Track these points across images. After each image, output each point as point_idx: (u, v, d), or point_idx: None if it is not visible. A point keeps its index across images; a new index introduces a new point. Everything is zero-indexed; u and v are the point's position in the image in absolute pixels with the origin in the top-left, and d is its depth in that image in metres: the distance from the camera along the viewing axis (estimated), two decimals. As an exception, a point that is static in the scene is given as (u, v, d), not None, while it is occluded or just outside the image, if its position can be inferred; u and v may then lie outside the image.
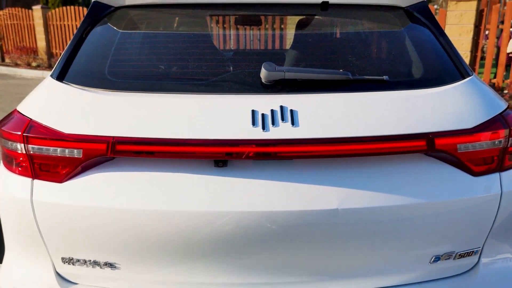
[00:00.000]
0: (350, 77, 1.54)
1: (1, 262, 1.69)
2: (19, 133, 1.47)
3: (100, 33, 1.75)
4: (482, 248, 1.59)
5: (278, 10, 1.83)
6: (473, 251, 1.58)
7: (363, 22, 1.90)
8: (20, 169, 1.51)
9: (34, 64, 12.94)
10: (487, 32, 8.58)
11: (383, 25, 1.86)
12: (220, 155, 1.40)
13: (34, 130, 1.46)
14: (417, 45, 1.74)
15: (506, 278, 1.62)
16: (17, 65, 13.10)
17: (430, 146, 1.43)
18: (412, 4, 1.83)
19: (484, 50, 11.04)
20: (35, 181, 1.48)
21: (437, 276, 1.59)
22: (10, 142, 1.51)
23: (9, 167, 1.55)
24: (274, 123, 1.41)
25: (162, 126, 1.41)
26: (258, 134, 1.39)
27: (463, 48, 7.74)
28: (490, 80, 8.06)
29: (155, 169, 1.44)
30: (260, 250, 1.44)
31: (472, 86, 1.60)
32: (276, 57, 2.25)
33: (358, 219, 1.42)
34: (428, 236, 1.49)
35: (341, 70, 1.60)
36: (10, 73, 12.52)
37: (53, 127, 1.45)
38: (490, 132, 1.48)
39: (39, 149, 1.45)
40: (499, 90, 7.81)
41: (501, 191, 1.51)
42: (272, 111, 1.44)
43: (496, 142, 1.50)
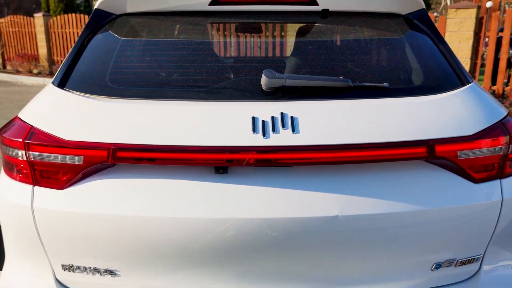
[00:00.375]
0: (351, 84, 1.55)
1: (1, 269, 1.69)
2: (20, 140, 1.47)
3: (101, 40, 1.76)
4: (483, 255, 1.59)
5: (278, 18, 1.84)
6: (474, 258, 1.57)
7: (363, 29, 1.91)
8: (21, 175, 1.51)
9: (35, 71, 12.98)
10: (487, 39, 8.61)
11: (383, 32, 1.87)
12: (220, 162, 1.40)
13: (35, 137, 1.46)
14: (417, 52, 1.74)
15: (507, 285, 1.62)
16: (18, 72, 13.14)
17: (430, 153, 1.43)
18: (411, 11, 1.83)
19: (484, 57, 11.07)
20: (36, 187, 1.48)
21: (438, 283, 1.59)
22: (11, 149, 1.51)
23: (10, 174, 1.55)
24: (274, 130, 1.42)
25: (163, 133, 1.42)
26: (258, 141, 1.40)
27: (463, 55, 7.77)
28: (490, 87, 8.07)
29: (156, 176, 1.44)
30: (260, 257, 1.44)
31: (472, 93, 1.60)
32: (276, 64, 2.25)
33: (359, 226, 1.42)
34: (429, 243, 1.48)
35: (341, 77, 1.60)
36: (11, 80, 12.56)
37: (54, 134, 1.45)
38: (491, 139, 1.49)
39: (40, 155, 1.46)
40: (500, 97, 7.82)
41: (502, 198, 1.51)
42: (272, 118, 1.44)
43: (496, 149, 1.50)
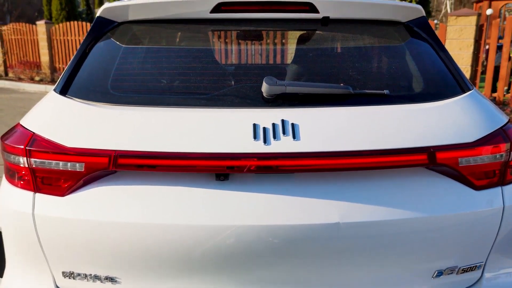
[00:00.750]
0: (351, 91, 1.55)
1: (1, 276, 1.68)
2: (22, 146, 1.47)
3: (103, 48, 1.77)
4: (485, 262, 1.58)
5: (279, 26, 1.84)
6: (476, 266, 1.57)
7: (364, 37, 1.92)
8: (22, 182, 1.51)
9: (37, 78, 13.03)
10: (487, 46, 8.63)
11: (384, 40, 1.88)
12: (221, 169, 1.40)
13: (36, 144, 1.47)
14: (417, 59, 1.75)
15: None
16: (20, 79, 13.19)
17: (431, 160, 1.43)
18: (412, 19, 1.84)
19: (484, 64, 11.09)
20: (37, 194, 1.48)
21: None
22: (12, 156, 1.51)
23: (11, 181, 1.56)
24: (275, 137, 1.42)
25: (164, 139, 1.42)
26: (259, 147, 1.40)
27: (464, 62, 7.79)
28: (491, 94, 8.08)
29: (157, 182, 1.44)
30: (261, 264, 1.44)
31: (472, 100, 1.60)
32: (277, 71, 2.26)
33: (360, 233, 1.42)
34: (430, 250, 1.48)
35: (342, 84, 1.61)
36: (13, 87, 12.61)
37: (55, 141, 1.46)
38: (491, 146, 1.49)
39: (42, 162, 1.46)
40: (500, 104, 7.82)
41: (503, 205, 1.50)
42: (273, 125, 1.45)
43: (497, 156, 1.50)
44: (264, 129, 1.44)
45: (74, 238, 1.44)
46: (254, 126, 1.44)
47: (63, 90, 1.62)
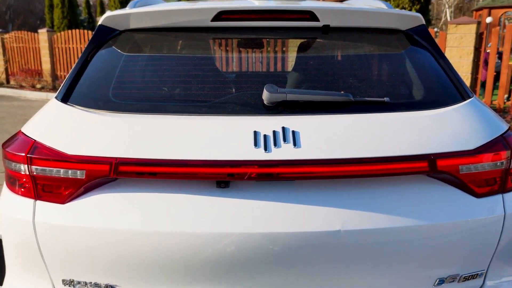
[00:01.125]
0: (351, 98, 1.56)
1: (1, 284, 1.68)
2: (23, 154, 1.48)
3: (104, 56, 1.78)
4: (487, 270, 1.57)
5: (280, 34, 1.85)
6: (477, 274, 1.56)
7: (364, 45, 1.93)
8: (23, 190, 1.51)
9: (38, 86, 13.08)
10: (487, 50, 8.66)
11: (384, 47, 1.89)
12: (222, 176, 1.40)
13: (37, 151, 1.47)
14: (417, 67, 1.76)
15: None
16: (21, 87, 13.24)
17: (432, 167, 1.43)
18: (412, 27, 1.85)
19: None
20: (38, 202, 1.48)
21: None
22: (13, 163, 1.52)
23: (12, 188, 1.56)
24: (276, 144, 1.42)
25: (165, 147, 1.42)
26: (260, 155, 1.40)
27: (464, 70, 7.81)
28: (491, 101, 8.09)
29: (158, 190, 1.44)
30: (262, 272, 1.43)
31: (472, 108, 1.61)
32: (278, 79, 2.27)
33: (361, 241, 1.41)
34: (431, 258, 1.47)
35: (342, 92, 1.61)
36: (14, 95, 12.65)
37: (56, 148, 1.46)
38: (492, 153, 1.49)
39: (43, 170, 1.46)
40: (500, 112, 7.83)
41: (504, 213, 1.50)
42: (274, 132, 1.45)
43: (498, 164, 1.50)
44: (264, 136, 1.44)
45: (74, 246, 1.44)
46: (255, 133, 1.44)
47: (65, 98, 1.63)
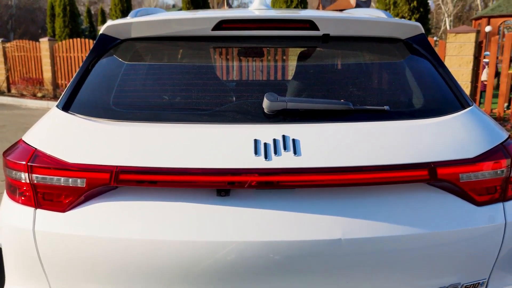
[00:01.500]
0: (351, 107, 1.56)
1: (0, 293, 1.67)
2: (24, 162, 1.48)
3: (105, 64, 1.79)
4: (488, 279, 1.57)
5: (280, 43, 1.86)
6: (479, 283, 1.55)
7: (364, 53, 1.94)
8: (23, 198, 1.51)
9: (39, 94, 13.12)
10: (487, 60, 8.70)
11: (383, 56, 1.90)
12: (222, 184, 1.40)
13: (38, 160, 1.47)
14: (417, 76, 1.76)
15: None
16: (22, 95, 13.28)
17: (432, 175, 1.43)
18: (411, 36, 1.86)
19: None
20: (38, 210, 1.48)
21: None
22: (14, 172, 1.52)
23: (12, 197, 1.56)
24: (276, 152, 1.42)
25: (165, 155, 1.42)
26: (260, 163, 1.40)
27: (463, 78, 7.83)
28: (491, 110, 8.10)
29: (158, 198, 1.44)
30: (263, 280, 1.43)
31: (472, 116, 1.61)
32: (278, 87, 2.28)
33: (362, 249, 1.41)
34: (432, 267, 1.47)
35: (342, 100, 1.62)
36: (15, 103, 12.68)
37: (57, 157, 1.46)
38: (492, 161, 1.49)
39: (43, 178, 1.46)
40: (501, 120, 7.84)
41: (505, 221, 1.50)
42: (274, 141, 1.45)
43: (498, 172, 1.50)
44: (265, 144, 1.44)
45: (74, 255, 1.44)
46: (255, 141, 1.45)
47: (66, 106, 1.64)
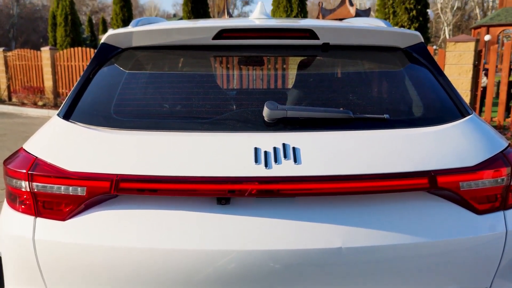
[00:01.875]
0: (351, 115, 1.56)
1: (-1, 302, 1.66)
2: (24, 171, 1.48)
3: (107, 73, 1.80)
4: None
5: (280, 51, 1.87)
6: (480, 292, 1.55)
7: (363, 62, 1.95)
8: (23, 207, 1.51)
9: (40, 103, 13.16)
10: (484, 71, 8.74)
11: (383, 65, 1.91)
12: (222, 193, 1.40)
13: (39, 168, 1.47)
14: (416, 84, 1.77)
15: None
16: (23, 104, 13.32)
17: (432, 183, 1.43)
18: (410, 45, 1.87)
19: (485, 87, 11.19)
20: (38, 219, 1.48)
21: None
22: (14, 180, 1.52)
23: (12, 205, 1.56)
24: (276, 161, 1.42)
25: (166, 163, 1.43)
26: (260, 171, 1.40)
27: (463, 87, 7.85)
28: (491, 118, 8.12)
29: (158, 207, 1.44)
30: None
31: (472, 125, 1.61)
32: (278, 96, 2.29)
33: (363, 258, 1.40)
34: (433, 275, 1.46)
35: (342, 109, 1.62)
36: (16, 112, 12.71)
37: (57, 165, 1.46)
38: (492, 170, 1.49)
39: (43, 187, 1.46)
40: (501, 129, 7.84)
41: (506, 230, 1.49)
42: (274, 149, 1.45)
43: (498, 180, 1.50)
44: (265, 153, 1.44)
45: (74, 263, 1.43)
46: (256, 150, 1.45)
47: (67, 115, 1.64)
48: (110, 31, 1.86)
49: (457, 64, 7.86)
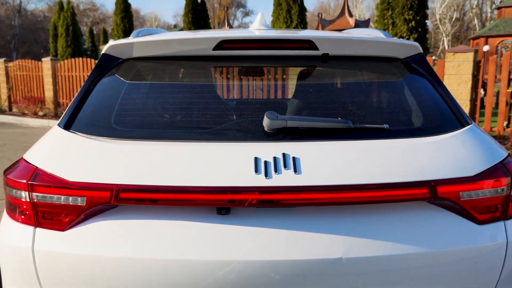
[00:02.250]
0: (351, 125, 1.57)
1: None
2: (24, 181, 1.48)
3: (107, 83, 1.80)
4: None
5: (280, 62, 1.89)
6: (482, 302, 1.53)
7: (363, 72, 1.96)
8: (23, 217, 1.51)
9: (40, 113, 13.18)
10: (485, 81, 8.76)
11: (382, 75, 1.92)
12: (222, 203, 1.40)
13: (39, 178, 1.47)
14: (415, 94, 1.78)
15: None
16: (24, 114, 13.34)
17: (432, 193, 1.43)
18: (410, 55, 1.88)
19: (483, 99, 11.24)
20: (37, 229, 1.48)
21: None
22: (14, 190, 1.52)
23: (12, 216, 1.55)
24: (276, 171, 1.42)
25: (166, 173, 1.43)
26: (261, 181, 1.40)
27: (463, 97, 7.87)
28: (491, 128, 8.13)
29: (158, 217, 1.44)
30: None
31: (471, 135, 1.62)
32: (278, 106, 2.30)
33: (363, 269, 1.40)
34: (434, 285, 1.45)
35: (342, 119, 1.63)
36: (16, 122, 12.73)
37: (57, 175, 1.46)
38: (492, 179, 1.49)
39: (43, 197, 1.46)
40: (501, 139, 7.85)
41: (506, 240, 1.49)
42: (274, 159, 1.46)
43: (498, 190, 1.50)
44: (265, 162, 1.45)
45: (73, 274, 1.43)
46: (256, 159, 1.45)
47: (67, 125, 1.65)
48: (111, 42, 1.87)
49: (456, 74, 7.90)
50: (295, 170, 1.42)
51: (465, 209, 1.47)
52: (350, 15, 14.26)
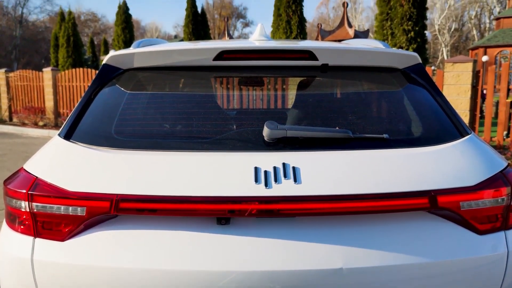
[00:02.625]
0: (351, 135, 1.57)
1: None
2: (24, 191, 1.48)
3: (108, 93, 1.81)
4: None
5: (280, 72, 1.89)
6: (483, 313, 1.52)
7: (362, 83, 1.96)
8: (22, 227, 1.50)
9: (41, 123, 13.20)
10: (485, 91, 8.80)
11: (382, 85, 1.92)
12: (222, 213, 1.40)
13: (39, 188, 1.47)
14: (415, 104, 1.78)
15: None
16: (24, 124, 13.36)
17: (432, 203, 1.43)
18: (409, 66, 1.89)
19: (482, 109, 11.28)
20: (37, 239, 1.47)
21: None
22: (14, 200, 1.51)
23: (11, 226, 1.55)
24: (276, 180, 1.42)
25: (166, 183, 1.42)
26: (260, 191, 1.40)
27: (462, 107, 7.90)
28: (491, 138, 8.14)
29: (158, 227, 1.43)
30: None
31: (471, 144, 1.62)
32: (278, 116, 2.30)
33: (363, 279, 1.39)
34: None
35: (341, 129, 1.63)
36: (17, 132, 12.74)
37: (57, 185, 1.46)
38: (493, 189, 1.49)
39: (43, 207, 1.46)
40: (500, 149, 7.85)
41: (507, 250, 1.48)
42: (274, 168, 1.46)
43: (499, 200, 1.50)
44: (265, 172, 1.45)
45: (73, 284, 1.42)
46: (256, 169, 1.45)
47: (68, 135, 1.65)
48: (112, 52, 1.88)
49: (455, 84, 7.93)
50: (295, 180, 1.42)
51: (465, 219, 1.47)
52: (350, 26, 14.36)
